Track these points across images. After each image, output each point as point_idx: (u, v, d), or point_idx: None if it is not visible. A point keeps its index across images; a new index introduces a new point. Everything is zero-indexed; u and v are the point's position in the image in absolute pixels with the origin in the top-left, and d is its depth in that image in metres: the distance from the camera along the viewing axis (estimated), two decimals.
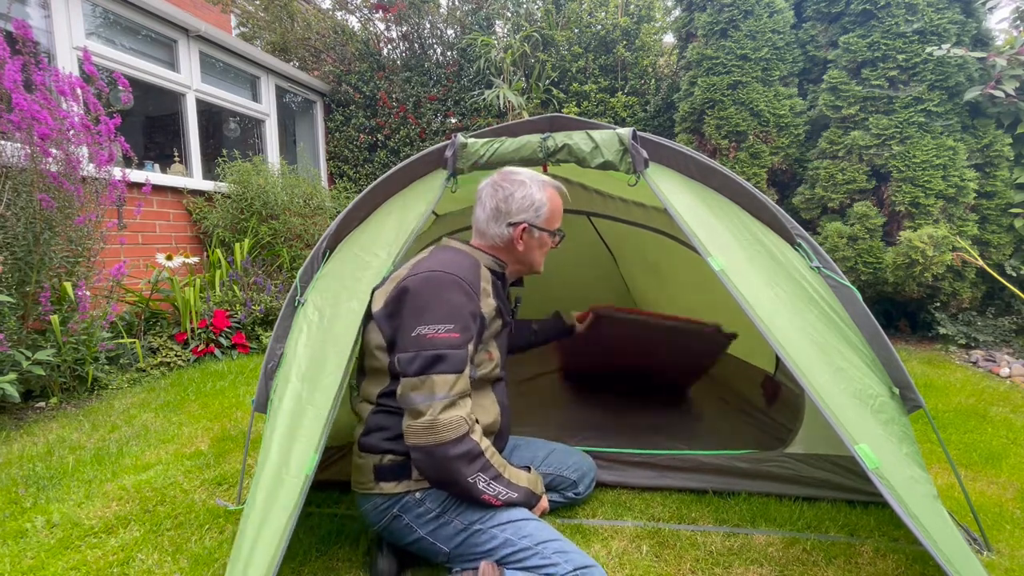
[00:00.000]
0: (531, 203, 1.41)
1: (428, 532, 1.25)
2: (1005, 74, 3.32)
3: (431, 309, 1.21)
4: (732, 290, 1.33)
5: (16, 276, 2.57)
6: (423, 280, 1.25)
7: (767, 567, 1.36)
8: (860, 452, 1.15)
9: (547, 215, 1.43)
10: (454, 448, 1.16)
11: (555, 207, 1.46)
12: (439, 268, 1.27)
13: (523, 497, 1.29)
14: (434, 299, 1.23)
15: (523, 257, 1.46)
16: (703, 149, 4.15)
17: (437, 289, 1.24)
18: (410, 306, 1.23)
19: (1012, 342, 3.44)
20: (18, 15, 3.38)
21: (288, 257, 4.55)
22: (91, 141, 2.79)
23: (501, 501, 1.24)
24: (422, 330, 1.20)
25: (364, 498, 1.31)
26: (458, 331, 1.21)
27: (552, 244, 1.50)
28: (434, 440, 1.16)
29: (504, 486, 1.25)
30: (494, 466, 1.24)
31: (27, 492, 1.79)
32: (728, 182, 1.49)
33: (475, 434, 1.21)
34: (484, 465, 1.21)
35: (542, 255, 1.51)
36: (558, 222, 1.48)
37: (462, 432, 1.17)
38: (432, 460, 1.17)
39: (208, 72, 4.77)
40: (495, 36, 5.65)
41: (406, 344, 1.21)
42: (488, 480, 1.21)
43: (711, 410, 2.33)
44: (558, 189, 1.48)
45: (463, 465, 1.17)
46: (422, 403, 1.17)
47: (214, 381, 3.00)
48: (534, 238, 1.44)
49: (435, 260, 1.32)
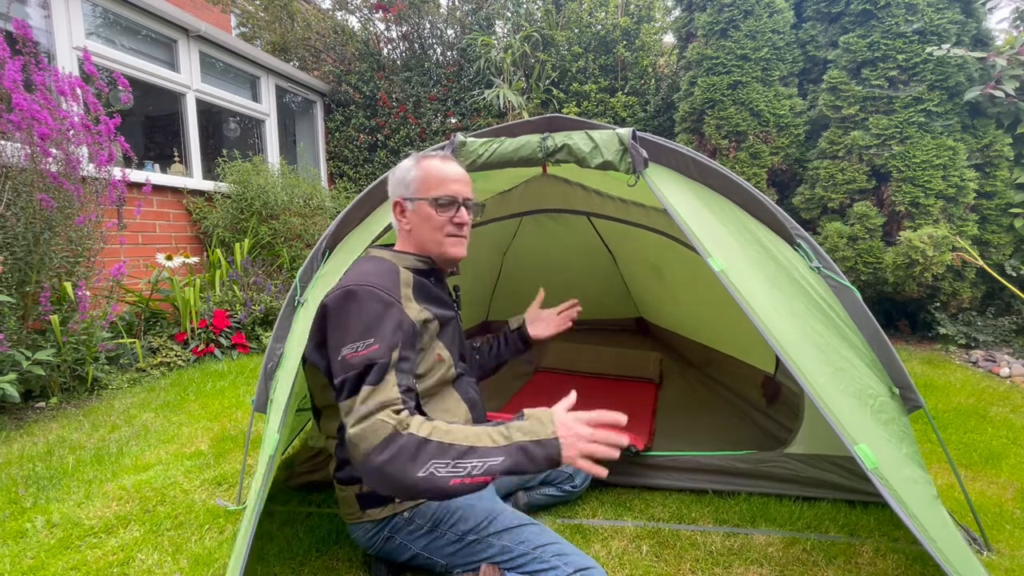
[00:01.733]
0: (401, 177, 1.33)
1: (423, 548, 1.24)
2: (1005, 74, 3.32)
3: (349, 328, 1.14)
4: (732, 290, 1.33)
5: (16, 276, 2.57)
6: (339, 297, 1.18)
7: (767, 567, 1.36)
8: (860, 452, 1.15)
9: (418, 183, 1.30)
10: (379, 455, 0.98)
11: (428, 173, 1.31)
12: (352, 282, 1.19)
13: (513, 456, 0.99)
14: (350, 316, 1.15)
15: (420, 241, 1.33)
16: (703, 149, 4.15)
17: (351, 305, 1.16)
18: (331, 329, 1.17)
19: (1012, 342, 3.44)
20: (18, 15, 3.38)
21: (288, 257, 4.55)
22: (91, 141, 2.79)
23: (482, 477, 0.98)
24: (345, 352, 1.12)
25: (354, 527, 1.30)
26: (378, 343, 1.12)
27: (443, 218, 1.30)
28: (359, 456, 1.01)
29: (478, 457, 0.99)
30: (455, 443, 1.00)
31: (27, 492, 1.79)
32: (728, 182, 1.48)
33: (408, 428, 1.02)
34: (437, 450, 0.99)
35: (435, 231, 1.31)
36: (438, 188, 1.30)
37: (384, 434, 1.00)
38: (369, 478, 1.04)
39: (208, 72, 4.77)
40: (495, 36, 5.65)
41: (336, 371, 1.13)
42: (451, 463, 0.98)
43: (711, 410, 2.33)
44: (444, 158, 1.36)
45: (402, 465, 0.97)
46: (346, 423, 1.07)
47: (214, 381, 3.00)
48: (412, 212, 1.32)
49: (351, 274, 1.24)
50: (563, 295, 3.76)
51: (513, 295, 3.80)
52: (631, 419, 2.07)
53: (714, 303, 2.33)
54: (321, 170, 6.22)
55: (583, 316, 4.01)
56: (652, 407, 2.29)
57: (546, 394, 1.73)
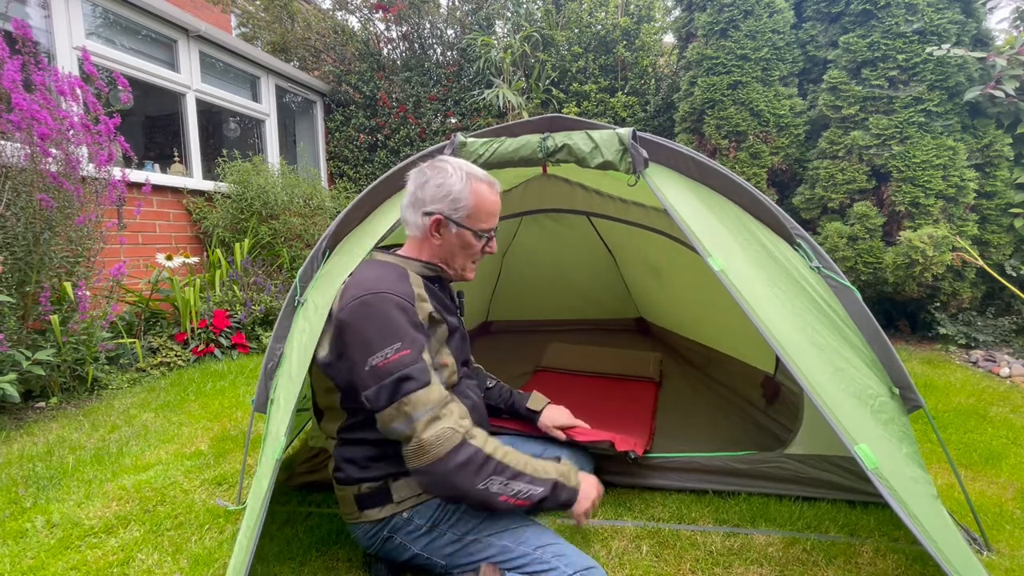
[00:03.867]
0: (447, 192, 1.27)
1: (422, 548, 1.24)
2: (1005, 74, 3.32)
3: (374, 337, 1.14)
4: (732, 290, 1.33)
5: (16, 276, 2.57)
6: (354, 310, 1.17)
7: (767, 567, 1.36)
8: (860, 452, 1.15)
9: (469, 210, 1.28)
10: (451, 460, 1.09)
11: (481, 203, 1.29)
12: (366, 291, 1.18)
13: (549, 490, 1.17)
14: (372, 326, 1.15)
15: (446, 257, 1.34)
16: (703, 149, 4.15)
17: (371, 314, 1.16)
18: (353, 342, 1.17)
19: (1012, 342, 3.44)
20: (18, 15, 3.38)
21: (288, 257, 4.55)
22: (91, 141, 2.79)
23: (524, 501, 1.14)
24: (373, 361, 1.13)
25: (354, 526, 1.30)
26: (407, 347, 1.14)
27: (478, 248, 1.33)
28: (428, 459, 1.09)
29: (526, 483, 1.14)
30: (510, 466, 1.14)
31: (27, 492, 1.79)
32: (728, 182, 1.48)
33: (475, 440, 1.13)
34: (497, 468, 1.12)
35: (467, 259, 1.35)
36: (486, 222, 1.31)
37: (455, 443, 1.10)
38: (433, 479, 1.11)
39: (208, 72, 4.78)
40: (495, 36, 5.65)
41: (364, 380, 1.15)
42: (505, 481, 1.12)
43: (711, 410, 2.33)
44: (491, 185, 1.32)
45: (469, 475, 1.09)
46: (405, 429, 1.12)
47: (214, 381, 3.00)
48: (452, 234, 1.30)
49: (361, 281, 1.23)
50: (563, 295, 3.79)
51: (513, 295, 3.80)
52: (630, 422, 2.08)
53: (714, 303, 2.33)
54: (321, 170, 6.22)
55: (583, 316, 4.04)
56: (652, 408, 2.29)
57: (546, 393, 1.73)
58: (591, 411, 1.88)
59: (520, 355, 3.19)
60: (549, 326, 3.90)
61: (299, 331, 1.44)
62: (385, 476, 1.24)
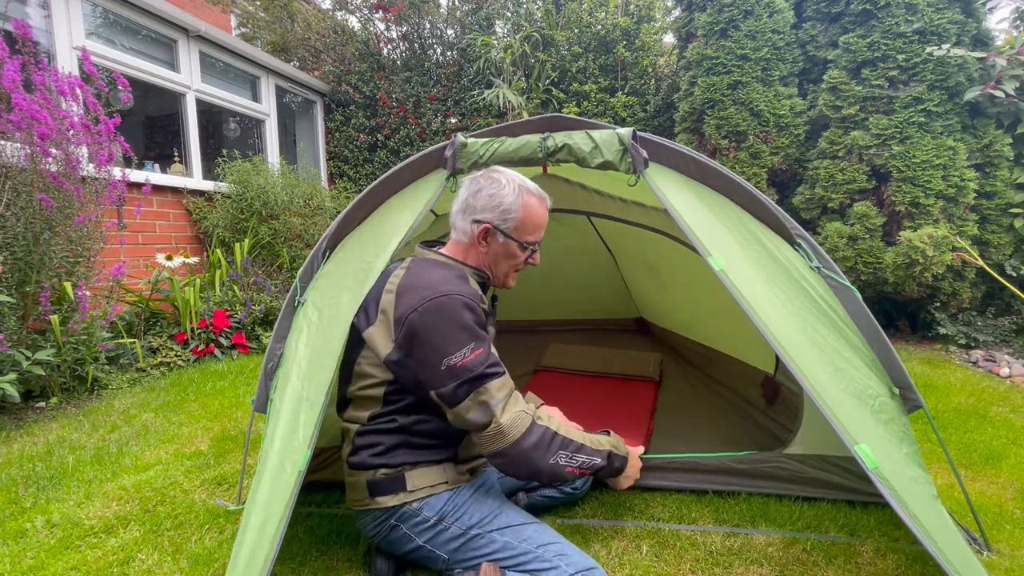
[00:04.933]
0: (499, 203, 1.33)
1: (426, 540, 1.24)
2: (1005, 74, 3.32)
3: (450, 339, 1.19)
4: (732, 290, 1.33)
5: (16, 276, 2.57)
6: (428, 313, 1.21)
7: (767, 567, 1.36)
8: (860, 452, 1.15)
9: (517, 222, 1.34)
10: (526, 441, 1.19)
11: (530, 216, 1.35)
12: (438, 293, 1.22)
13: (606, 459, 1.32)
14: (447, 328, 1.20)
15: (490, 264, 1.39)
16: (703, 149, 4.15)
17: (446, 317, 1.20)
18: (427, 343, 1.21)
19: (1012, 342, 3.44)
20: (18, 15, 3.38)
21: (288, 257, 4.55)
22: (91, 141, 2.79)
23: (587, 470, 1.29)
24: (450, 361, 1.19)
25: (361, 514, 1.31)
26: (480, 345, 1.21)
27: (522, 259, 1.40)
28: (506, 442, 1.18)
29: (587, 454, 1.28)
30: (573, 440, 1.27)
31: (27, 492, 1.79)
32: (728, 182, 1.48)
33: (541, 420, 1.24)
34: (563, 443, 1.24)
35: (510, 268, 1.41)
36: (533, 235, 1.38)
37: (527, 424, 1.20)
38: (510, 459, 1.20)
39: (208, 72, 4.77)
40: (495, 36, 5.65)
41: (440, 379, 1.20)
42: (570, 455, 1.25)
43: (711, 410, 2.33)
44: (541, 199, 1.39)
45: (542, 452, 1.21)
46: (481, 417, 1.19)
47: (214, 381, 3.00)
48: (499, 243, 1.36)
49: (426, 282, 1.26)
50: (563, 295, 3.78)
51: (513, 295, 3.80)
52: (628, 422, 2.08)
53: (714, 303, 2.33)
54: (321, 170, 6.22)
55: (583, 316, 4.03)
56: (651, 408, 2.29)
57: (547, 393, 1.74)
58: (590, 411, 1.88)
59: (520, 355, 3.19)
60: (549, 326, 3.90)
61: (298, 331, 1.44)
62: (402, 464, 1.26)
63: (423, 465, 1.28)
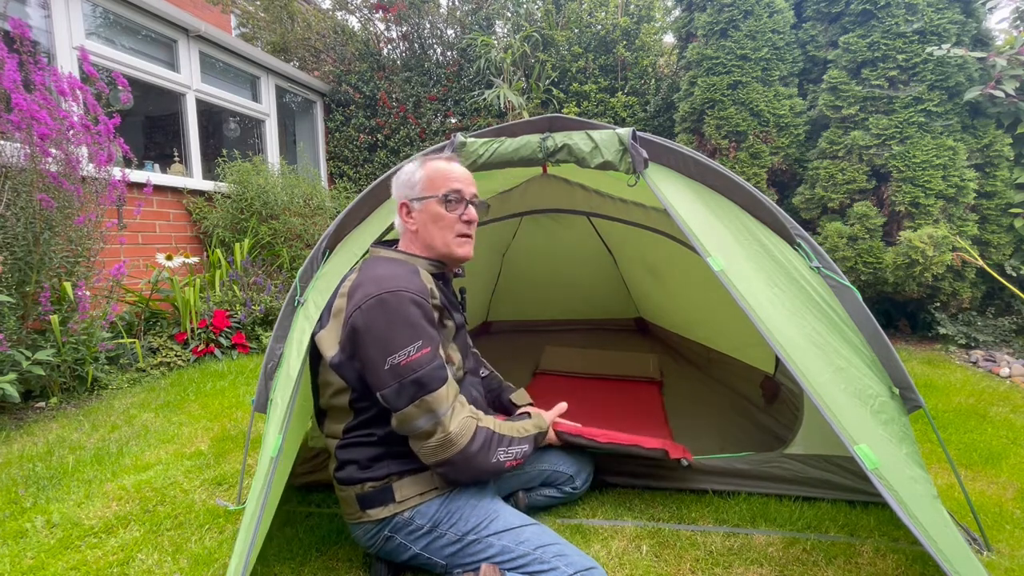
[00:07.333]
0: (405, 179, 1.36)
1: (422, 548, 1.24)
2: (1005, 74, 3.32)
3: (393, 336, 1.15)
4: (732, 290, 1.33)
5: (16, 276, 2.57)
6: (371, 310, 1.16)
7: (767, 567, 1.36)
8: (860, 452, 1.15)
9: (424, 182, 1.33)
10: (472, 446, 1.19)
11: (435, 172, 1.34)
12: (382, 289, 1.18)
13: (532, 444, 1.36)
14: (390, 324, 1.15)
15: (427, 240, 1.34)
16: (703, 149, 4.15)
17: (390, 313, 1.16)
18: (369, 341, 1.16)
19: (1012, 342, 3.44)
20: (17, 15, 3.37)
21: (288, 257, 4.55)
22: (91, 141, 2.79)
23: (521, 459, 1.31)
24: (393, 360, 1.14)
25: (355, 526, 1.30)
26: (427, 345, 1.17)
27: (454, 216, 1.33)
28: (454, 450, 1.18)
29: (518, 445, 1.30)
30: (507, 435, 1.29)
31: (27, 492, 1.79)
32: (728, 182, 1.48)
33: (482, 421, 1.25)
34: (501, 440, 1.26)
35: (443, 230, 1.33)
36: (445, 185, 1.32)
37: (473, 429, 1.21)
38: (457, 467, 1.20)
39: (208, 72, 4.77)
40: (495, 36, 5.65)
41: (384, 379, 1.15)
42: (507, 449, 1.27)
43: (711, 411, 2.33)
44: (449, 159, 1.39)
45: (486, 455, 1.22)
46: (427, 425, 1.16)
47: (214, 381, 3.00)
48: (419, 211, 1.33)
49: (375, 279, 1.22)
50: (563, 295, 3.78)
51: (513, 295, 3.80)
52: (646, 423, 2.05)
53: (714, 303, 2.33)
54: (321, 170, 6.22)
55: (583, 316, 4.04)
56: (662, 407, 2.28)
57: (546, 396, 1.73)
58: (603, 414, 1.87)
59: (520, 355, 3.19)
60: (549, 326, 3.90)
61: (299, 331, 1.44)
62: (388, 475, 1.25)
63: (410, 474, 1.25)
